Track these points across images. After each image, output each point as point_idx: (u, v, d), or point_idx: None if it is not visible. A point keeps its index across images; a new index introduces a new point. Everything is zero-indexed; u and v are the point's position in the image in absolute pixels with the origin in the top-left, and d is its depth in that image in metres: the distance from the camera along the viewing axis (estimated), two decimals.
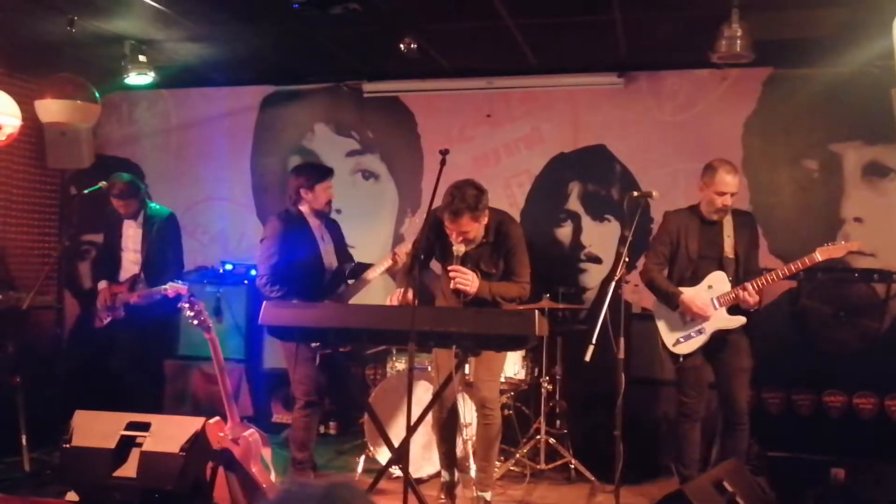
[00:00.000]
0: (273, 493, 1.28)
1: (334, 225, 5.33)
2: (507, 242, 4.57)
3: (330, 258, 5.13)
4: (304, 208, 5.07)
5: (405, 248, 5.01)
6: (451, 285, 4.43)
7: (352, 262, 5.26)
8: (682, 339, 4.76)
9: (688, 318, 4.73)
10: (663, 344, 4.83)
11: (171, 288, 5.34)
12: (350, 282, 5.16)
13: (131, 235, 5.79)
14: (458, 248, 4.44)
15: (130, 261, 5.77)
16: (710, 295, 4.72)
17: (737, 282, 4.74)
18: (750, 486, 4.16)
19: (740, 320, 4.73)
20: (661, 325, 4.84)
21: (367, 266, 5.14)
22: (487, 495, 4.71)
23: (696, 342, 4.73)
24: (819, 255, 4.56)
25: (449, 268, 4.45)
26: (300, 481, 1.33)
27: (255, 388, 6.41)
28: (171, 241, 5.83)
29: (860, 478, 4.94)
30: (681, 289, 4.75)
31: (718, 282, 4.75)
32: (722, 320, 4.72)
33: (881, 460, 5.00)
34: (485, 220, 4.46)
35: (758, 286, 4.62)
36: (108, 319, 5.78)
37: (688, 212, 4.89)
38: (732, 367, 4.75)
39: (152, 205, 5.86)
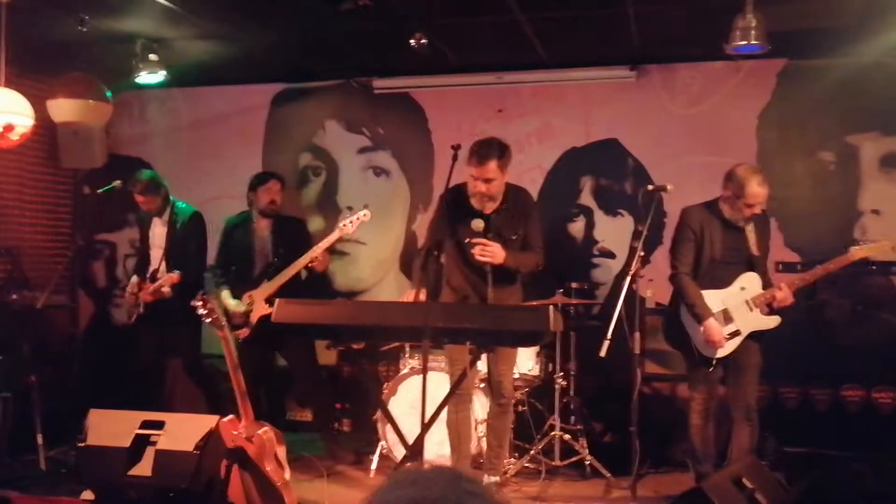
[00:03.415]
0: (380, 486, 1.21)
1: (289, 225, 5.79)
2: (526, 209, 4.71)
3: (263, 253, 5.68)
4: (253, 209, 5.74)
5: (349, 221, 5.34)
6: (476, 256, 4.48)
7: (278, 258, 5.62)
8: None
9: (721, 319, 4.64)
10: (695, 348, 4.73)
11: (165, 279, 5.58)
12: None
13: (158, 233, 5.92)
14: (477, 224, 4.50)
15: (157, 258, 5.88)
16: (744, 297, 4.66)
17: (765, 279, 4.69)
18: (769, 481, 4.13)
19: (776, 320, 4.68)
20: (693, 330, 4.71)
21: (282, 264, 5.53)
22: (497, 478, 4.74)
23: (732, 345, 4.66)
24: (854, 255, 4.51)
25: (473, 240, 4.49)
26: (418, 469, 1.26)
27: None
28: (195, 238, 5.90)
29: (879, 473, 4.88)
30: (707, 292, 4.67)
31: (751, 283, 4.68)
32: (758, 321, 4.66)
33: None
34: (506, 176, 4.58)
35: (795, 286, 4.58)
36: (134, 317, 5.91)
37: (706, 210, 4.79)
38: (742, 364, 4.70)
39: (179, 203, 5.96)
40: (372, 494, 1.22)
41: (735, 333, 4.65)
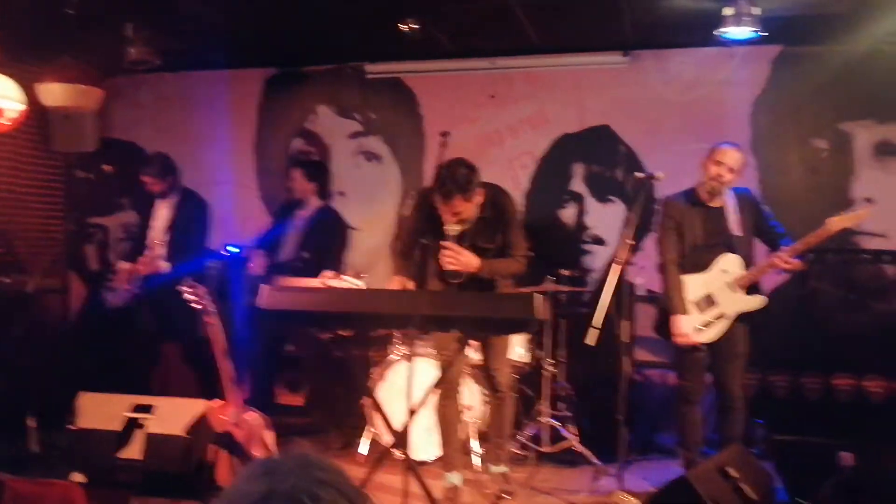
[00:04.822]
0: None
1: (324, 221, 5.98)
2: (504, 216, 4.49)
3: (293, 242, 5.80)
4: None
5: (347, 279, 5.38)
6: (445, 265, 4.34)
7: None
8: (701, 327, 4.66)
9: (705, 303, 4.65)
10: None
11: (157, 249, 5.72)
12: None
13: (161, 216, 5.96)
14: (452, 228, 4.33)
15: (154, 239, 5.91)
16: (725, 279, 4.65)
17: (749, 261, 4.68)
18: (755, 470, 4.14)
19: (760, 300, 4.67)
20: (676, 315, 4.70)
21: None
22: (503, 468, 4.74)
23: (719, 328, 4.65)
24: (832, 225, 4.47)
25: (443, 243, 4.34)
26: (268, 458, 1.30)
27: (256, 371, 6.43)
28: (199, 225, 5.98)
29: (869, 462, 4.89)
30: (689, 277, 4.67)
31: (732, 264, 4.67)
32: (743, 302, 4.65)
33: (891, 444, 4.95)
34: (478, 199, 4.35)
35: (789, 251, 4.55)
36: (122, 299, 5.99)
37: (685, 196, 4.80)
38: (728, 352, 4.69)
39: (188, 190, 6.05)
40: (227, 488, 1.24)
41: (720, 317, 4.65)
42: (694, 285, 4.68)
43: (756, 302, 4.68)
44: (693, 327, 4.64)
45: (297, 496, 1.17)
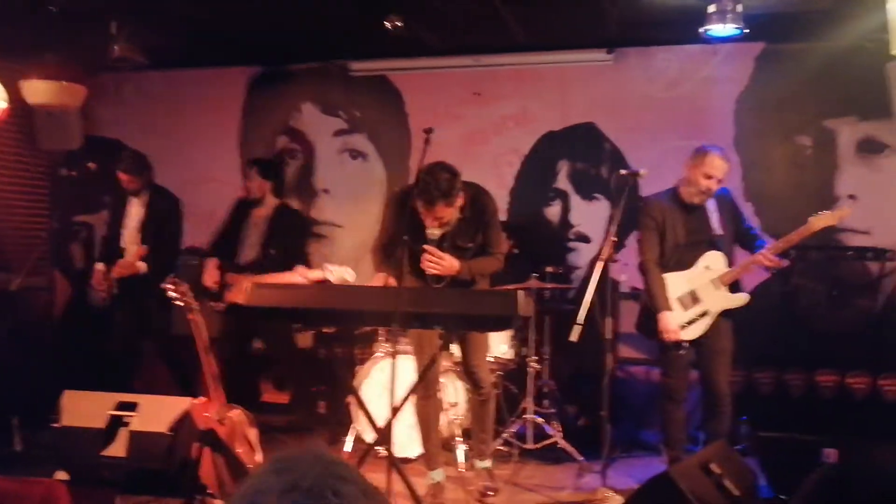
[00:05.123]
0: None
1: (286, 217, 5.86)
2: (483, 216, 4.49)
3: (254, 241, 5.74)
4: None
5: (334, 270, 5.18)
6: (426, 269, 4.33)
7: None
8: (686, 325, 4.67)
9: (689, 300, 4.67)
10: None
11: (134, 254, 5.69)
12: None
13: (133, 213, 5.89)
14: (433, 232, 4.32)
15: (128, 239, 5.85)
16: (709, 276, 4.66)
17: (730, 258, 4.70)
18: (739, 467, 4.14)
19: (743, 297, 4.69)
20: (663, 312, 4.70)
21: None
22: (487, 463, 4.75)
23: (702, 325, 4.67)
24: (815, 224, 4.51)
25: (425, 247, 4.33)
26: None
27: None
28: (172, 223, 5.92)
29: (853, 458, 4.91)
30: (672, 275, 4.69)
31: (715, 262, 4.69)
32: (726, 299, 4.67)
33: (874, 440, 4.97)
34: (459, 203, 4.34)
35: (772, 249, 4.59)
36: (105, 301, 5.94)
37: (666, 197, 4.80)
38: (713, 348, 4.71)
39: (160, 188, 5.98)
40: (244, 482, 1.24)
41: (704, 314, 4.67)
42: (678, 283, 4.70)
43: (740, 299, 4.70)
44: (679, 324, 4.66)
45: (321, 491, 1.18)
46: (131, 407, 4.58)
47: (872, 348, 5.68)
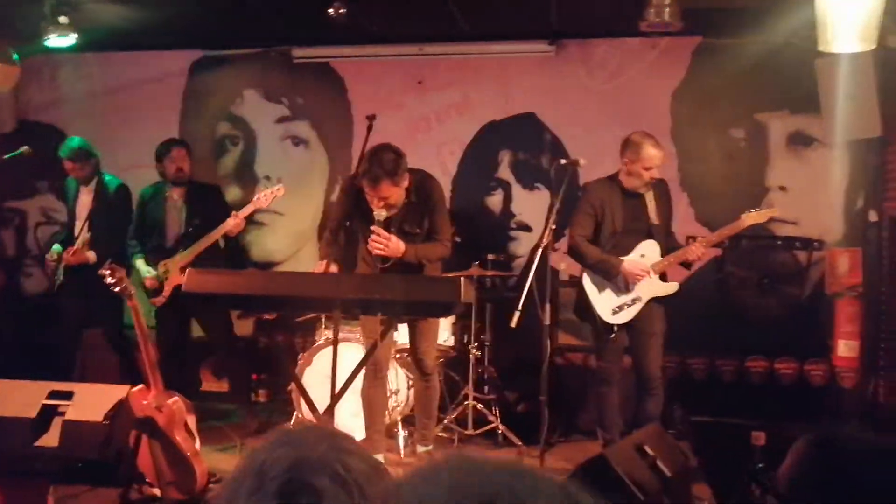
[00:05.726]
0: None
1: (203, 192, 5.72)
2: (429, 202, 4.55)
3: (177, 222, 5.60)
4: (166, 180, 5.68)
5: (263, 195, 5.30)
6: (372, 250, 4.36)
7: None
8: (617, 309, 4.79)
9: (622, 286, 4.77)
10: (597, 315, 4.83)
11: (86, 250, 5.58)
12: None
13: (83, 202, 5.81)
14: (380, 213, 4.35)
15: (79, 228, 5.77)
16: (644, 264, 4.78)
17: (664, 249, 4.82)
18: (672, 449, 4.25)
19: (674, 286, 4.82)
20: (595, 297, 4.83)
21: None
22: (429, 447, 4.83)
23: (633, 311, 4.78)
24: (745, 221, 4.69)
25: (372, 227, 4.36)
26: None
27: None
28: (120, 210, 5.82)
29: (780, 441, 5.07)
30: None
31: (650, 250, 4.81)
32: (657, 287, 4.79)
33: (800, 423, 5.15)
34: (405, 184, 4.39)
35: (704, 242, 4.74)
36: (55, 286, 5.82)
37: (608, 183, 4.89)
38: (645, 331, 4.83)
39: (106, 175, 5.87)
40: (250, 454, 1.24)
41: (635, 300, 4.78)
42: None
43: (670, 288, 4.83)
44: (611, 308, 4.76)
45: (330, 464, 1.19)
46: (66, 396, 4.51)
47: (800, 335, 5.88)
